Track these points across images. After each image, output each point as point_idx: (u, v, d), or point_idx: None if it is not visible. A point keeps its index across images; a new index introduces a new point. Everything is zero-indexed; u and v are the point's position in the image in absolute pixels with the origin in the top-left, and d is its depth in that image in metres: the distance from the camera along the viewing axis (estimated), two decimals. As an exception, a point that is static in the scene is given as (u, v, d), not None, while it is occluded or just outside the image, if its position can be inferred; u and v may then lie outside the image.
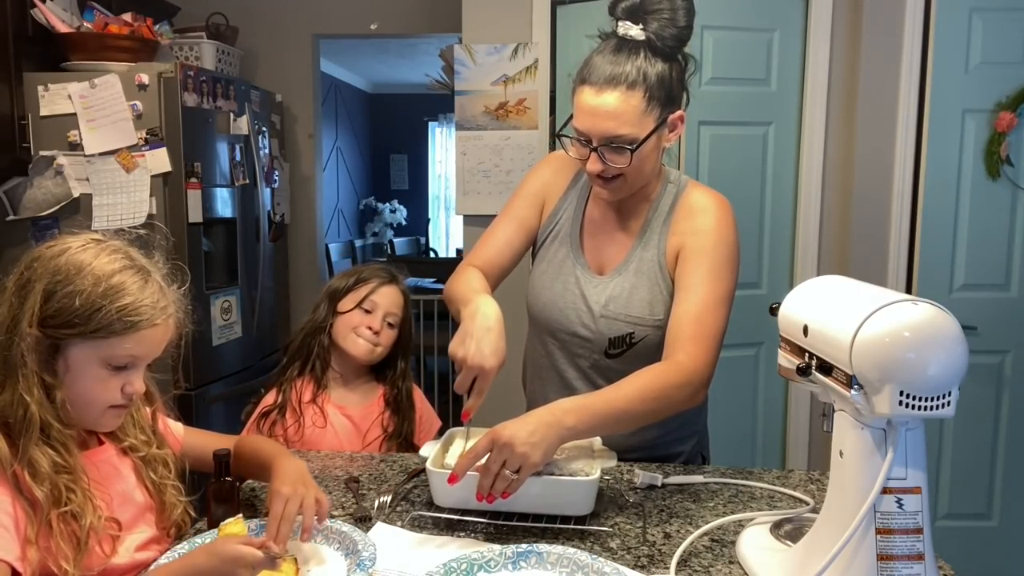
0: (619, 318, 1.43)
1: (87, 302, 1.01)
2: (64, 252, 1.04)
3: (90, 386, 1.05)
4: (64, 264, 1.03)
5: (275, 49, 3.92)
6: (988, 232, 2.63)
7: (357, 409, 1.74)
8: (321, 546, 1.12)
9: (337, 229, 7.52)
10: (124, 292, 1.03)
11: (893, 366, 0.84)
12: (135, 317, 1.03)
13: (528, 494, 1.18)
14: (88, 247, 1.05)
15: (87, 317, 1.01)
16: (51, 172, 2.80)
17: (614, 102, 1.28)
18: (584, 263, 1.49)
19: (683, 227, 1.42)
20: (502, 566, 1.05)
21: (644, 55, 1.29)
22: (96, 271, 1.03)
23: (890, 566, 0.89)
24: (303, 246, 4.02)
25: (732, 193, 2.70)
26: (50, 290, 1.01)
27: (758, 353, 2.82)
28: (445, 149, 8.48)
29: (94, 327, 1.02)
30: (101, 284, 1.02)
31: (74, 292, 1.01)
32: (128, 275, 1.05)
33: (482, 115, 2.98)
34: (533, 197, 1.54)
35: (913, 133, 2.65)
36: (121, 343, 1.04)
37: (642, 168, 1.36)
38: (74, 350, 1.03)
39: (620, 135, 1.30)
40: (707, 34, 2.66)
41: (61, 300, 1.01)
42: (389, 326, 1.74)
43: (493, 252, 1.51)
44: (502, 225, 1.54)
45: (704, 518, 1.25)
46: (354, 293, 1.75)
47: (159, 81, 2.77)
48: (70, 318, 1.01)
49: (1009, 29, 2.54)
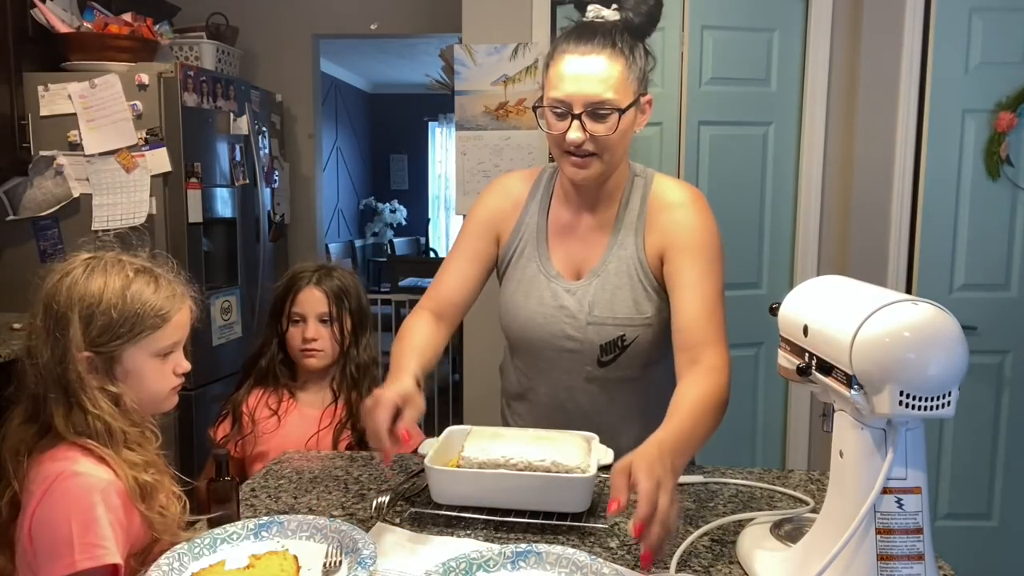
0: (607, 322, 1.40)
1: (123, 313, 1.13)
2: (78, 281, 1.13)
3: (152, 378, 1.18)
4: (83, 290, 1.13)
5: (275, 49, 3.92)
6: (988, 232, 2.63)
7: (315, 409, 1.77)
8: (321, 545, 1.12)
9: (337, 229, 7.52)
10: (145, 294, 1.16)
11: (893, 366, 0.84)
12: (164, 310, 1.17)
13: (525, 491, 1.19)
14: (92, 267, 1.15)
15: (130, 324, 1.14)
16: (51, 172, 2.80)
17: (600, 65, 1.28)
18: (555, 273, 1.44)
19: (662, 224, 1.39)
20: (501, 566, 1.05)
21: (620, 32, 1.31)
22: (114, 287, 1.14)
23: (890, 566, 0.89)
24: (303, 246, 4.02)
25: (732, 193, 2.75)
26: (87, 314, 1.12)
27: (758, 353, 2.82)
28: (445, 149, 8.48)
29: (138, 330, 1.14)
30: (125, 296, 1.14)
31: (108, 308, 1.12)
32: (140, 278, 1.17)
33: (482, 115, 2.98)
34: (483, 227, 1.49)
35: (913, 133, 2.65)
36: (163, 334, 1.17)
37: (618, 145, 1.34)
38: (127, 356, 1.15)
39: (606, 99, 1.28)
40: (707, 34, 2.66)
41: (101, 319, 1.12)
42: (323, 323, 1.76)
43: (448, 291, 1.47)
44: (454, 262, 1.49)
45: (704, 518, 1.24)
46: (285, 307, 1.78)
47: (159, 81, 2.77)
48: (116, 331, 1.13)
49: (1009, 29, 2.54)
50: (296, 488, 1.38)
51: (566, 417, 1.46)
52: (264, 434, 1.73)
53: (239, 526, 1.13)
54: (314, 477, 1.43)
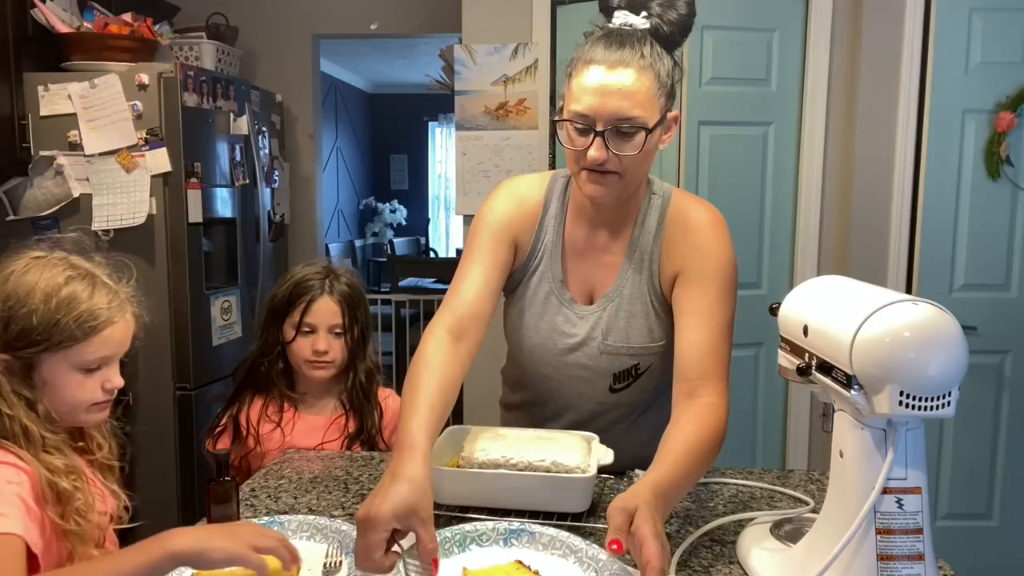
0: (622, 352, 1.35)
1: (44, 319, 1.06)
2: (9, 277, 1.08)
3: (70, 392, 1.10)
4: (12, 288, 1.07)
5: (275, 49, 3.92)
6: (988, 232, 2.63)
7: (322, 418, 1.74)
8: (321, 545, 1.12)
9: (337, 229, 7.52)
10: (76, 301, 1.08)
11: (893, 366, 0.83)
12: (93, 321, 1.08)
13: (525, 491, 1.19)
14: (30, 267, 1.09)
15: (48, 332, 1.06)
16: (51, 172, 2.80)
17: (628, 80, 1.17)
18: (569, 297, 1.37)
19: (680, 247, 1.32)
20: (493, 541, 1.06)
21: (650, 43, 1.22)
22: (44, 288, 1.07)
23: (890, 566, 0.89)
24: (303, 246, 4.02)
25: (732, 193, 2.75)
26: (6, 316, 1.06)
27: (758, 353, 2.82)
28: (445, 149, 8.49)
29: (57, 340, 1.07)
30: (52, 299, 1.07)
31: (29, 312, 1.05)
32: (75, 284, 1.09)
33: (482, 115, 2.98)
34: (499, 233, 1.35)
35: (913, 133, 2.64)
36: (87, 348, 1.09)
37: (641, 165, 1.26)
38: (46, 364, 1.08)
39: (632, 116, 1.18)
40: (707, 34, 2.66)
41: (19, 322, 1.05)
42: (336, 335, 1.71)
43: (467, 303, 1.29)
44: (471, 271, 1.32)
45: (704, 518, 1.24)
46: (291, 317, 1.70)
47: (159, 81, 2.77)
48: (33, 337, 1.06)
49: (1009, 29, 2.54)
50: (296, 488, 1.37)
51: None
52: (270, 451, 1.68)
53: None
54: (314, 477, 1.43)
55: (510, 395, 1.55)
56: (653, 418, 1.41)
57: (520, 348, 1.42)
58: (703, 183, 2.72)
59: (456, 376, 1.22)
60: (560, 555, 1.05)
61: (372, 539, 0.94)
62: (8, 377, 1.06)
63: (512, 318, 1.42)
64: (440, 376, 1.18)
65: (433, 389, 1.15)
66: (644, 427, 1.43)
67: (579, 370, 1.38)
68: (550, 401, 1.44)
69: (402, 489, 0.97)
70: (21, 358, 1.07)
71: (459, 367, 1.23)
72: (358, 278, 1.81)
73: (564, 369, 1.39)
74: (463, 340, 1.26)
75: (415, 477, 0.99)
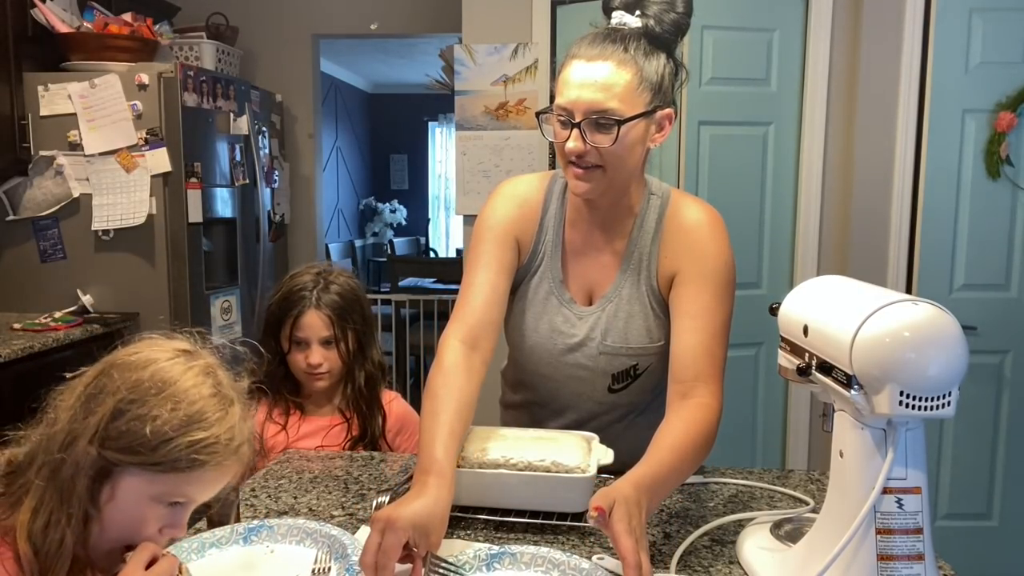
0: (620, 352, 1.35)
1: (158, 431, 0.87)
2: (149, 364, 0.90)
3: (130, 521, 0.90)
4: (146, 379, 0.89)
5: (275, 49, 3.93)
6: (988, 232, 2.63)
7: (326, 420, 1.74)
8: (310, 550, 1.12)
9: (337, 229, 7.52)
10: (201, 425, 0.89)
11: (893, 366, 0.83)
12: (204, 456, 0.89)
13: (525, 491, 1.18)
14: (177, 361, 0.92)
15: (153, 448, 0.87)
16: (51, 172, 2.80)
17: (604, 72, 1.20)
18: (569, 298, 1.38)
19: (677, 247, 1.32)
20: (476, 569, 1.05)
21: (637, 40, 1.23)
22: (178, 394, 0.89)
23: (890, 566, 0.89)
24: (303, 246, 4.02)
25: (732, 193, 2.75)
26: (121, 408, 0.87)
27: (758, 353, 2.82)
28: (445, 149, 8.49)
29: (158, 459, 0.87)
30: (180, 410, 0.88)
31: (147, 416, 0.87)
32: (211, 403, 0.91)
33: (482, 115, 2.98)
34: (503, 235, 1.36)
35: (913, 133, 2.64)
36: (180, 481, 0.90)
37: (624, 160, 1.25)
38: (126, 479, 0.89)
39: (607, 108, 1.20)
40: (707, 34, 2.66)
41: (130, 422, 0.87)
42: (327, 345, 1.70)
43: (479, 311, 1.30)
44: (480, 277, 1.33)
45: (704, 518, 1.24)
46: (284, 330, 1.71)
47: (159, 81, 2.77)
48: (135, 444, 0.87)
49: (1009, 29, 2.54)
50: (296, 488, 1.37)
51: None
52: (273, 451, 1.67)
53: (227, 530, 1.12)
54: (314, 477, 1.43)
55: (510, 395, 1.56)
56: (652, 418, 1.41)
57: (520, 348, 1.43)
58: (703, 183, 2.72)
59: (473, 392, 1.24)
60: (543, 571, 1.05)
61: (391, 540, 0.96)
62: (85, 480, 0.87)
63: (513, 318, 1.43)
64: (458, 399, 1.21)
65: (452, 408, 1.19)
66: (643, 427, 1.42)
67: (578, 370, 1.39)
68: (550, 401, 1.45)
69: (428, 504, 1.02)
70: (106, 459, 0.87)
71: (476, 381, 1.26)
72: (356, 280, 1.80)
73: (563, 369, 1.40)
74: (477, 348, 1.28)
75: (440, 499, 1.04)
